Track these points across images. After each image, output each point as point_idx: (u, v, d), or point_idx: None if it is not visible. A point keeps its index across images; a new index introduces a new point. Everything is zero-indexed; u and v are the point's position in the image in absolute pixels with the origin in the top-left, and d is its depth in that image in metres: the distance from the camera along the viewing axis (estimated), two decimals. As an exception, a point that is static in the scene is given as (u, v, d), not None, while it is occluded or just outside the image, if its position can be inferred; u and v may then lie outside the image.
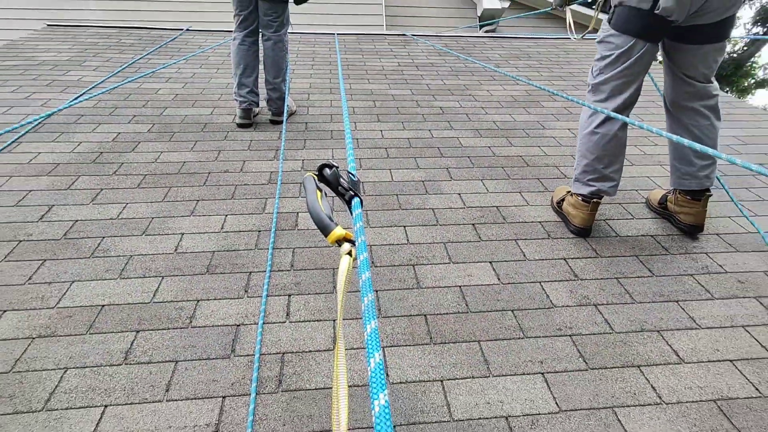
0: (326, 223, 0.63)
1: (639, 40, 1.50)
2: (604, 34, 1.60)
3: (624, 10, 1.50)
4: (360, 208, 0.72)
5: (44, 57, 3.79)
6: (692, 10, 1.41)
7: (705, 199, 1.73)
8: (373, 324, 0.42)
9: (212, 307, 1.35)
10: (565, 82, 3.78)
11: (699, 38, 1.52)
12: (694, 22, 1.46)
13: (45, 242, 1.62)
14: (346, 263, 0.54)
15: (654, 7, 1.41)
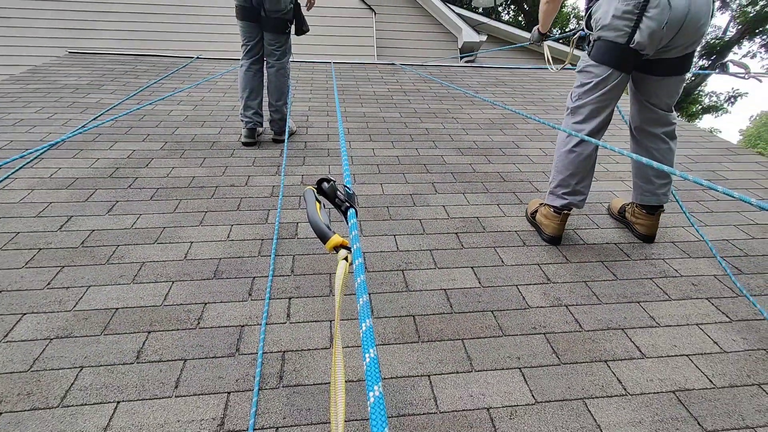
0: (325, 232, 0.63)
1: (615, 70, 1.53)
2: (584, 64, 1.63)
3: (602, 43, 1.53)
4: (355, 218, 0.72)
5: (65, 81, 3.76)
6: (661, 45, 1.46)
7: (658, 213, 1.77)
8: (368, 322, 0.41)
9: (218, 310, 1.33)
10: (536, 106, 3.84)
11: (664, 70, 1.57)
12: (661, 56, 1.51)
13: (64, 250, 1.59)
14: (343, 268, 0.54)
15: (629, 41, 1.45)
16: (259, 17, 2.46)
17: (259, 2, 2.38)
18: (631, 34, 1.45)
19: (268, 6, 2.40)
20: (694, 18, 1.41)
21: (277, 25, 2.50)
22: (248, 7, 2.42)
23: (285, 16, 2.48)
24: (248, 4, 2.40)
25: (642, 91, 1.66)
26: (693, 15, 1.40)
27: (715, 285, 1.56)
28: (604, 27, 1.50)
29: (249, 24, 2.50)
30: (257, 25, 2.51)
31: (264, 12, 2.42)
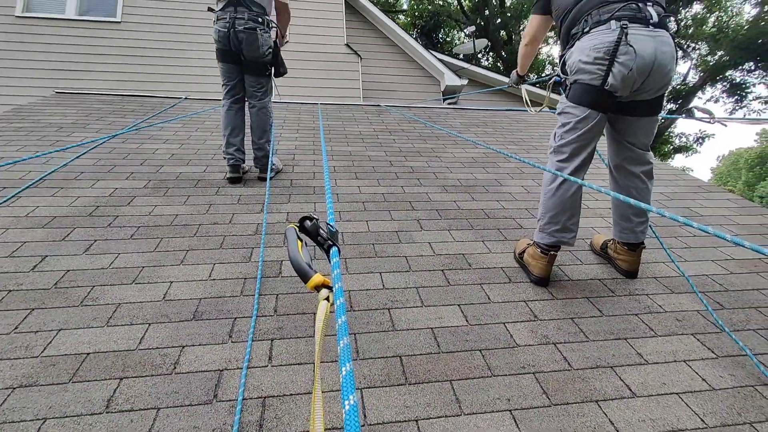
0: (305, 270, 0.62)
1: (593, 110, 1.60)
2: (563, 106, 1.70)
3: (579, 86, 1.61)
4: (338, 257, 0.72)
5: (50, 120, 3.75)
6: (634, 88, 1.54)
7: (639, 250, 1.81)
8: (348, 366, 0.40)
9: (197, 353, 1.28)
10: (516, 146, 3.97)
11: (638, 111, 1.65)
12: (634, 98, 1.60)
13: (35, 292, 1.52)
14: (324, 308, 0.53)
15: (604, 83, 1.53)
16: (240, 60, 2.53)
17: (238, 47, 2.46)
18: (604, 77, 1.53)
19: (246, 52, 2.47)
20: (661, 64, 1.51)
21: (257, 68, 2.57)
22: (228, 51, 2.49)
23: (264, 59, 2.56)
24: (228, 48, 2.48)
25: (619, 131, 1.74)
26: (660, 62, 1.50)
27: (698, 320, 1.57)
28: (579, 71, 1.59)
29: (229, 66, 2.56)
30: (238, 67, 2.57)
31: (243, 56, 2.50)
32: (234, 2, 2.41)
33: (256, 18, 2.44)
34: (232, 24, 2.40)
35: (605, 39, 1.51)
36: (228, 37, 2.43)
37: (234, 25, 2.40)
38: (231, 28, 2.41)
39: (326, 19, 6.42)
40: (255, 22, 2.44)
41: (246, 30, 2.41)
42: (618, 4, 1.54)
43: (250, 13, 2.42)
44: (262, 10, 2.49)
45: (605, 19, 1.53)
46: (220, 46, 2.49)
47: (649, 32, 1.50)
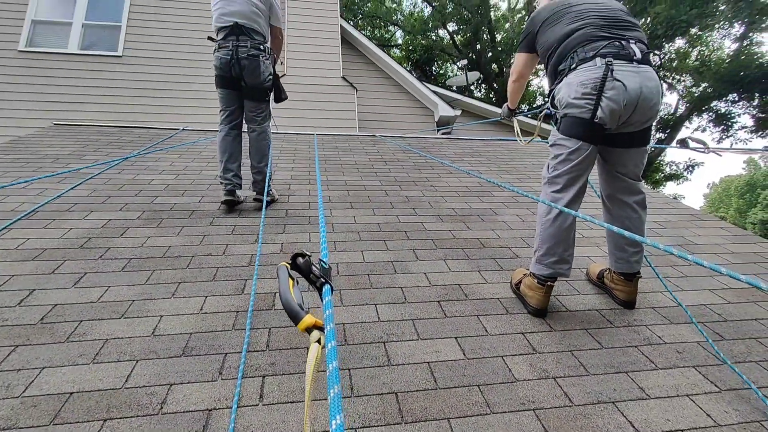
0: (296, 311, 0.60)
1: (584, 142, 1.63)
2: (555, 138, 1.73)
3: (569, 119, 1.65)
4: (330, 295, 0.70)
5: (47, 151, 3.77)
6: (621, 121, 1.58)
7: (636, 280, 1.80)
8: (338, 419, 0.38)
9: (185, 391, 1.23)
10: (510, 175, 4.02)
11: (627, 142, 1.69)
12: (622, 130, 1.63)
13: (20, 327, 1.48)
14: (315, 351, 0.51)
15: (593, 117, 1.57)
16: (240, 86, 2.58)
17: (239, 74, 2.51)
18: (593, 111, 1.57)
19: (248, 79, 2.53)
20: (646, 98, 1.55)
21: (258, 94, 2.62)
22: (228, 77, 2.54)
23: (265, 85, 2.61)
24: (228, 75, 2.53)
25: (610, 162, 1.76)
26: (645, 95, 1.55)
27: (699, 352, 1.54)
28: (569, 105, 1.63)
29: (229, 92, 2.62)
30: (237, 92, 2.62)
31: (244, 82, 2.55)
32: (236, 31, 2.48)
33: (258, 46, 2.52)
34: (235, 52, 2.47)
35: (592, 75, 1.56)
36: (230, 65, 2.49)
37: (237, 53, 2.47)
38: (234, 55, 2.47)
39: (323, 53, 6.62)
40: (257, 49, 2.52)
41: (249, 57, 2.48)
42: (602, 41, 1.60)
43: (252, 41, 2.50)
44: (262, 38, 2.57)
45: (590, 57, 1.59)
46: (221, 73, 2.54)
47: (633, 68, 1.55)
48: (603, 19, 1.67)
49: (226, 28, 2.48)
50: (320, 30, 6.68)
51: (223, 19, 2.49)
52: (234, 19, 2.47)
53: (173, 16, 6.61)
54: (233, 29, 2.48)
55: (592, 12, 1.70)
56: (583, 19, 1.69)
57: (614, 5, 1.75)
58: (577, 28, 1.67)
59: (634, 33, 1.65)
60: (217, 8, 2.51)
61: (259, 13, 2.55)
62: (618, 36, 1.62)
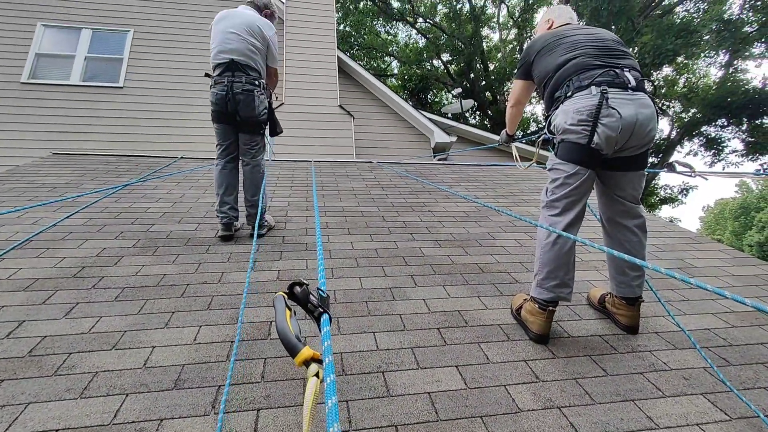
0: (294, 344, 0.58)
1: (581, 167, 1.65)
2: (553, 162, 1.75)
3: (567, 144, 1.67)
4: (329, 326, 0.68)
5: (44, 180, 3.78)
6: (618, 147, 1.60)
7: (638, 304, 1.78)
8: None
9: (176, 427, 1.18)
10: (507, 200, 4.04)
11: (623, 167, 1.70)
12: (619, 155, 1.65)
13: (7, 361, 1.43)
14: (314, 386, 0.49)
15: (590, 142, 1.59)
16: (235, 120, 2.61)
17: (234, 108, 2.55)
18: (590, 136, 1.59)
19: (243, 113, 2.56)
20: (642, 124, 1.57)
21: (253, 128, 2.65)
22: (224, 112, 2.57)
23: (260, 119, 2.65)
24: (224, 110, 2.56)
25: (608, 185, 1.77)
26: (641, 122, 1.57)
27: (707, 379, 1.51)
28: (565, 131, 1.65)
29: (225, 126, 2.64)
30: (233, 127, 2.65)
31: (239, 116, 2.58)
32: (232, 67, 2.53)
33: (253, 81, 2.57)
34: (230, 87, 2.51)
35: (587, 103, 1.59)
36: (225, 100, 2.52)
37: (232, 88, 2.51)
38: (229, 91, 2.51)
39: (321, 83, 6.77)
40: (252, 84, 2.55)
41: (244, 92, 2.52)
42: (597, 70, 1.64)
43: (247, 77, 2.54)
44: (258, 74, 2.62)
45: (586, 85, 1.62)
46: (216, 108, 2.57)
47: (628, 95, 1.58)
48: (597, 49, 1.72)
49: (223, 64, 2.54)
50: (318, 61, 6.85)
51: (220, 57, 2.55)
52: (230, 56, 2.53)
53: (173, 50, 6.79)
54: (229, 66, 2.53)
55: (585, 42, 1.75)
56: (577, 49, 1.73)
57: (607, 35, 1.80)
58: (572, 58, 1.71)
59: (627, 61, 1.70)
60: (215, 46, 2.58)
61: (256, 51, 2.61)
62: (612, 64, 1.66)
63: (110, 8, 6.79)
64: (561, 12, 2.07)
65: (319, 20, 7.08)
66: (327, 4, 7.22)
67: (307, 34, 6.93)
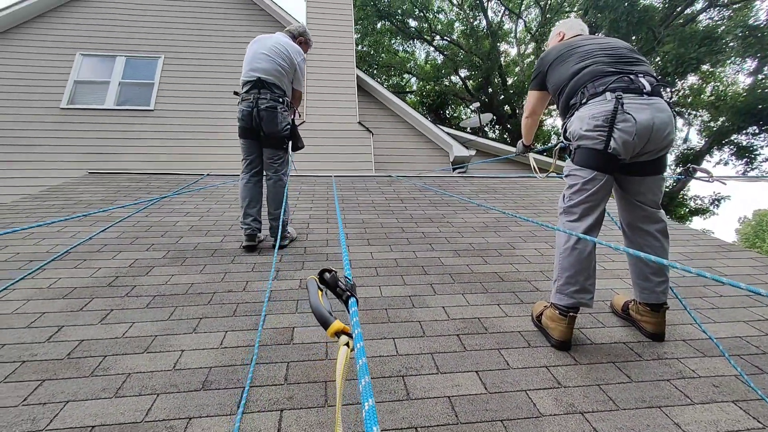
0: (326, 317, 0.64)
1: (598, 172, 1.65)
2: (570, 169, 1.75)
3: (583, 150, 1.67)
4: (356, 306, 0.74)
5: (81, 197, 3.99)
6: (635, 152, 1.60)
7: (663, 311, 1.74)
8: (370, 402, 0.40)
9: (203, 425, 1.23)
10: (527, 210, 4.02)
11: (642, 171, 1.69)
12: (636, 159, 1.64)
13: (48, 362, 1.52)
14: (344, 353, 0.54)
15: (606, 147, 1.60)
16: (260, 136, 2.74)
17: (259, 124, 2.68)
18: (606, 142, 1.60)
19: (266, 128, 2.69)
20: (659, 129, 1.57)
21: (276, 143, 2.77)
22: (249, 128, 2.72)
23: (283, 134, 2.76)
24: (249, 126, 2.70)
25: (627, 190, 1.76)
26: (658, 127, 1.57)
27: (738, 386, 1.46)
28: (581, 137, 1.66)
29: (250, 142, 2.78)
30: (257, 142, 2.78)
31: (263, 131, 2.71)
32: (258, 85, 2.68)
33: (277, 98, 2.70)
34: (256, 103, 2.65)
35: (602, 108, 1.60)
36: (251, 115, 2.67)
37: (257, 105, 2.65)
38: (255, 107, 2.65)
39: (341, 100, 6.95)
40: (276, 101, 2.69)
41: (267, 108, 2.66)
42: (612, 77, 1.65)
43: (272, 94, 2.69)
44: (282, 92, 2.76)
45: (600, 91, 1.64)
46: (243, 124, 2.72)
47: (644, 101, 1.59)
48: (610, 57, 1.74)
49: (251, 82, 2.70)
50: (338, 80, 7.05)
51: (249, 74, 2.71)
52: (258, 75, 2.69)
53: (199, 74, 7.12)
54: (256, 83, 2.68)
55: (598, 51, 1.77)
56: (591, 58, 1.75)
57: (619, 44, 1.82)
58: (586, 66, 1.74)
59: (641, 67, 1.71)
60: (246, 65, 2.75)
61: (283, 73, 2.76)
62: (626, 71, 1.67)
63: (143, 36, 7.22)
64: (572, 24, 2.11)
65: (339, 41, 7.31)
66: (346, 27, 7.46)
67: (328, 54, 7.16)
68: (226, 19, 7.63)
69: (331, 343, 1.67)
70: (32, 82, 6.64)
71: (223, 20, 7.60)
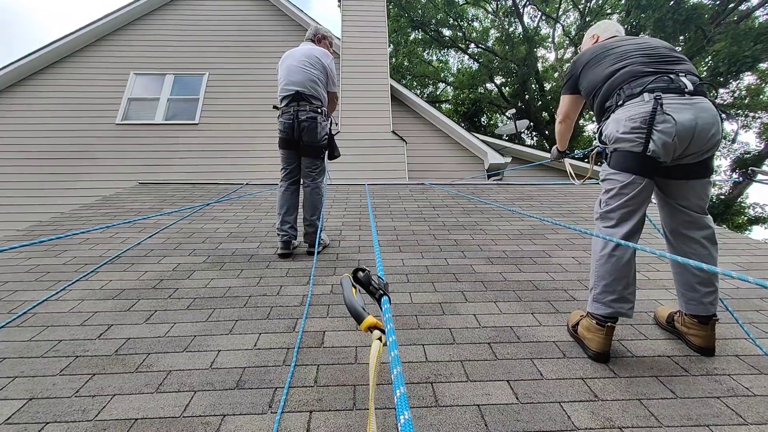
0: (360, 312, 0.67)
1: (637, 175, 1.57)
2: (606, 173, 1.68)
3: (620, 153, 1.60)
4: (389, 304, 0.76)
5: (131, 206, 4.26)
6: (677, 154, 1.52)
7: (712, 323, 1.63)
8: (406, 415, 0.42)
9: (237, 422, 1.27)
10: (564, 218, 3.89)
11: (686, 174, 1.60)
12: (679, 162, 1.56)
13: (98, 358, 1.63)
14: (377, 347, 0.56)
15: (645, 150, 1.52)
16: (299, 146, 2.84)
17: (300, 134, 2.78)
18: (645, 144, 1.52)
19: (306, 138, 2.79)
20: (703, 130, 1.48)
21: (314, 152, 2.87)
22: (289, 139, 2.83)
23: (321, 144, 2.85)
24: (289, 136, 2.82)
25: (670, 195, 1.67)
26: (701, 127, 1.47)
27: (799, 406, 1.34)
28: (618, 140, 1.59)
29: (289, 152, 2.89)
30: (296, 152, 2.89)
31: (302, 141, 2.80)
32: (297, 98, 2.80)
33: (316, 109, 2.81)
34: (296, 115, 2.77)
35: (640, 110, 1.53)
36: (292, 127, 2.78)
37: (297, 117, 2.76)
38: (295, 119, 2.76)
39: (375, 110, 7.05)
40: (315, 113, 2.80)
41: (308, 119, 2.77)
42: (650, 77, 1.58)
43: (311, 105, 2.80)
44: (320, 102, 2.86)
45: (637, 92, 1.57)
46: (284, 136, 2.84)
47: (685, 100, 1.50)
48: (648, 57, 1.66)
49: (289, 96, 2.82)
50: (372, 90, 7.17)
51: (286, 89, 2.84)
52: (295, 88, 2.81)
53: (241, 88, 7.46)
54: (294, 97, 2.81)
55: (635, 51, 1.70)
56: (627, 58, 1.68)
57: (658, 43, 1.74)
58: (622, 66, 1.67)
59: (682, 66, 1.62)
60: (281, 81, 2.89)
61: (317, 81, 2.87)
62: (666, 70, 1.59)
63: (190, 55, 7.67)
64: (607, 26, 2.04)
65: (373, 52, 7.44)
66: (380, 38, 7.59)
67: (362, 65, 7.31)
68: (265, 35, 7.98)
69: (360, 347, 1.68)
70: (92, 99, 7.20)
71: (262, 37, 7.95)
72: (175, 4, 8.15)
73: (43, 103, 7.13)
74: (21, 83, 7.25)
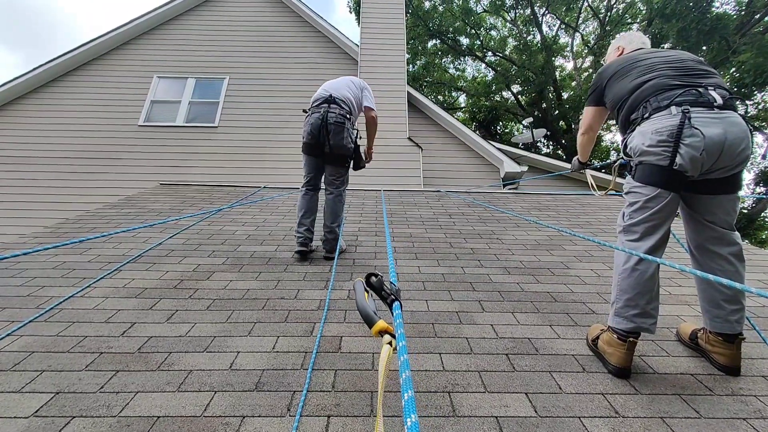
0: (371, 317, 0.67)
1: (663, 189, 1.55)
2: (630, 186, 1.66)
3: (646, 166, 1.58)
4: (400, 310, 0.76)
5: (152, 206, 4.36)
6: (704, 169, 1.49)
7: (738, 341, 1.58)
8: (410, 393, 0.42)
9: (255, 424, 1.29)
10: (582, 229, 3.84)
11: (713, 189, 1.57)
12: (707, 176, 1.52)
13: (122, 355, 1.67)
14: (387, 351, 0.56)
15: (672, 164, 1.50)
16: (323, 153, 2.86)
17: (326, 137, 2.80)
18: (671, 158, 1.49)
19: (333, 143, 2.80)
20: (732, 145, 1.45)
21: (339, 160, 2.89)
22: (314, 144, 2.84)
23: (347, 152, 2.87)
24: (314, 142, 2.82)
25: (696, 210, 1.64)
26: (731, 142, 1.44)
27: (831, 432, 1.29)
28: (643, 153, 1.56)
29: (313, 158, 2.91)
30: (320, 159, 2.91)
31: (329, 148, 2.82)
32: (329, 100, 2.85)
33: (345, 114, 2.85)
34: (325, 116, 2.79)
35: (667, 123, 1.50)
36: (320, 128, 2.80)
37: (326, 118, 2.79)
38: (324, 119, 2.79)
39: (391, 116, 7.08)
40: (344, 117, 2.84)
41: (336, 123, 2.80)
42: (677, 90, 1.55)
43: (341, 109, 2.84)
44: (349, 109, 2.90)
45: (665, 105, 1.54)
46: (308, 140, 2.85)
47: (714, 114, 1.47)
48: (675, 70, 1.64)
49: (322, 98, 2.88)
50: (388, 96, 7.21)
51: (321, 93, 2.92)
52: (330, 92, 2.89)
53: (260, 92, 7.58)
54: (327, 99, 2.87)
55: (662, 64, 1.68)
56: (654, 71, 1.66)
57: (685, 56, 1.71)
58: (649, 79, 1.65)
59: (711, 80, 1.59)
60: (319, 89, 2.98)
61: (352, 91, 2.98)
62: (694, 84, 1.56)
63: (211, 60, 7.83)
64: (632, 38, 2.02)
65: (390, 60, 7.49)
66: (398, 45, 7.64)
67: (379, 72, 7.36)
68: (285, 41, 8.10)
69: (377, 353, 1.69)
70: (116, 101, 7.40)
71: (282, 43, 8.08)
72: (198, 9, 8.36)
73: (71, 103, 7.37)
74: (51, 83, 7.51)
